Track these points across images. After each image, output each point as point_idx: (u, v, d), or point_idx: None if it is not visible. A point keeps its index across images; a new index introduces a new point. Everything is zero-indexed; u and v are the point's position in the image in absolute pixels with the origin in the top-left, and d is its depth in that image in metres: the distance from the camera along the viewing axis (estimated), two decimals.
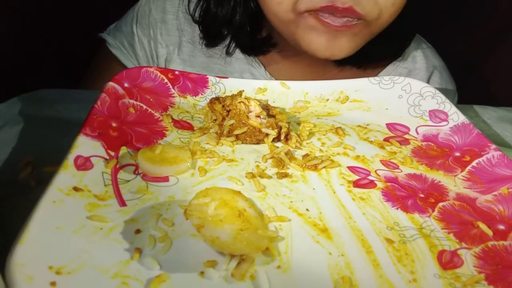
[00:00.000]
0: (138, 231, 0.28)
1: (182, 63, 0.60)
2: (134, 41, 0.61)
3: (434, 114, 0.45)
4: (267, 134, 0.40)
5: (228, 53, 0.59)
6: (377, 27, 0.49)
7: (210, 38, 0.59)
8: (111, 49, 0.61)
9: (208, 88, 0.47)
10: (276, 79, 0.59)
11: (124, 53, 0.61)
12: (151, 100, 0.43)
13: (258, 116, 0.40)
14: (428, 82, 0.63)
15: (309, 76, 0.60)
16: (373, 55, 0.58)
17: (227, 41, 0.59)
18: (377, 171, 0.37)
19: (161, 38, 0.60)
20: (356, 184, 0.36)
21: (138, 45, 0.61)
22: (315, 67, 0.60)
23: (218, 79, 0.47)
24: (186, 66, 0.60)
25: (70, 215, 0.28)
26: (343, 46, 0.49)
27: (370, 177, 0.37)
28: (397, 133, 0.44)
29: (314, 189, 0.35)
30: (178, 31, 0.60)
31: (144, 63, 0.62)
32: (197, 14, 0.58)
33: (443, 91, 0.63)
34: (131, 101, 0.41)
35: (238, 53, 0.60)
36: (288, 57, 0.60)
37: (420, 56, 0.63)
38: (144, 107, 0.42)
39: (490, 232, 0.31)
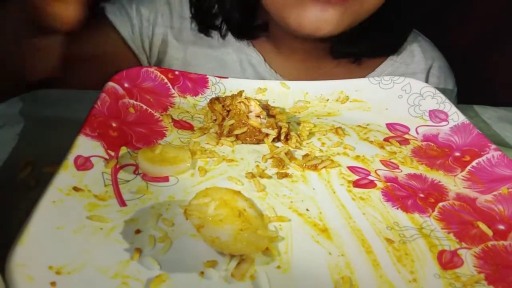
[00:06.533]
0: (138, 231, 0.28)
1: (180, 47, 0.60)
2: (131, 11, 0.60)
3: (434, 114, 0.45)
4: (267, 134, 0.40)
5: (223, 37, 0.60)
6: (366, 6, 0.49)
7: (200, 20, 0.59)
8: (106, 14, 0.59)
9: (208, 88, 0.47)
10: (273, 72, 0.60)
11: (119, 18, 0.59)
12: (151, 100, 0.43)
13: (258, 116, 0.40)
14: (427, 74, 0.63)
15: (304, 72, 0.61)
16: (368, 49, 0.58)
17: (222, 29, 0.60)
18: (377, 171, 0.37)
19: (161, 19, 0.60)
20: (356, 184, 0.36)
21: (136, 17, 0.60)
22: (310, 62, 0.60)
23: (218, 79, 0.47)
24: (186, 54, 0.60)
25: (70, 215, 0.28)
26: (330, 20, 0.48)
27: (370, 177, 0.37)
28: (397, 133, 0.44)
29: (314, 189, 0.35)
30: (180, 18, 0.60)
31: (137, 33, 0.60)
32: None
33: (443, 83, 0.64)
34: (131, 101, 0.41)
35: (234, 42, 0.60)
36: (283, 52, 0.60)
37: (417, 50, 0.63)
38: (144, 107, 0.42)
39: (490, 232, 0.31)
